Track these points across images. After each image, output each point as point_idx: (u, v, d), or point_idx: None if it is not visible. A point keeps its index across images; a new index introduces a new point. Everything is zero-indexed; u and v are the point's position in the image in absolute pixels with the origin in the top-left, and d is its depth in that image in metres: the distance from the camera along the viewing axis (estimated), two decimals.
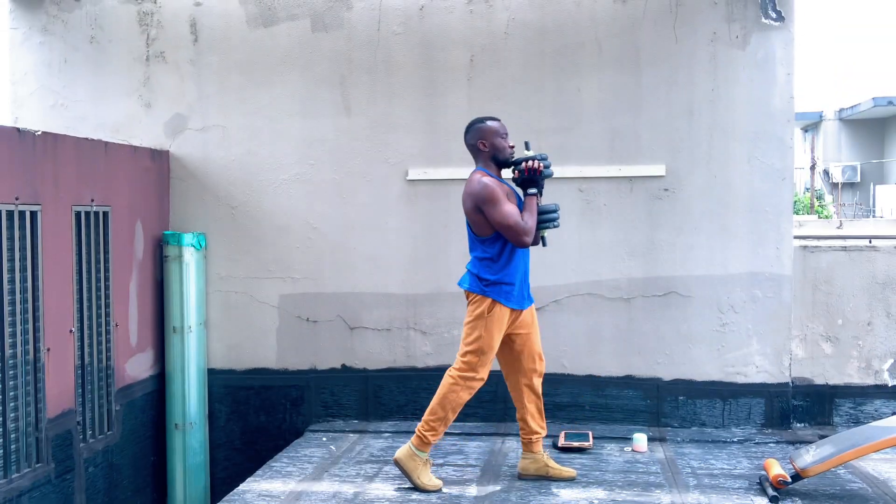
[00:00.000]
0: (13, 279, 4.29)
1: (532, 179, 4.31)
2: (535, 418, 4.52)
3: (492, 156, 4.38)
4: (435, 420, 4.36)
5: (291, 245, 5.80)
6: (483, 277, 4.32)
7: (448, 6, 5.65)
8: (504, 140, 4.38)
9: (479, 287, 4.33)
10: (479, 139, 4.38)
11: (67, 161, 4.78)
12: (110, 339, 5.14)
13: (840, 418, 5.60)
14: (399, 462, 4.42)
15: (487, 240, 4.31)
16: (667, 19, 5.49)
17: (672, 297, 5.53)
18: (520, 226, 4.20)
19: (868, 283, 5.57)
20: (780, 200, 5.46)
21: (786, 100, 5.44)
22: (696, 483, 4.51)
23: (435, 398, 4.40)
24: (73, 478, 4.75)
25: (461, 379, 4.35)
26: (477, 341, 4.32)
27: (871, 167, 24.94)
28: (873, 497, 4.30)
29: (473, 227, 4.35)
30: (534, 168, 4.28)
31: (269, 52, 5.78)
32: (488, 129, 4.38)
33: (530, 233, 4.24)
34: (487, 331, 4.30)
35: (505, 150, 4.38)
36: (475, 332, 4.33)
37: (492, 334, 4.30)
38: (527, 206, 4.29)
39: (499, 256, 4.31)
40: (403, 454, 4.42)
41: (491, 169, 4.38)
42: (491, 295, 4.30)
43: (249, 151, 5.81)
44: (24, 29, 5.93)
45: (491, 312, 4.29)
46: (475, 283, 4.36)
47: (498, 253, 4.31)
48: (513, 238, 4.23)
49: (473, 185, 4.27)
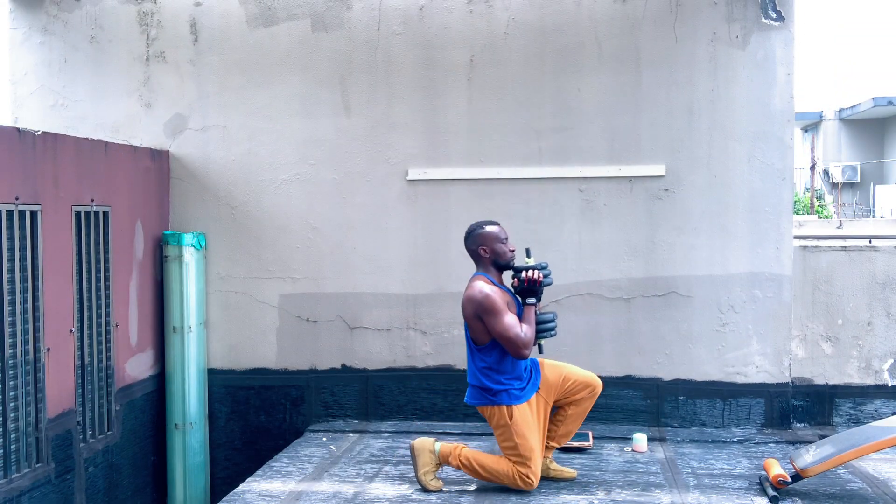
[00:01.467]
0: (13, 279, 4.29)
1: (532, 290, 4.33)
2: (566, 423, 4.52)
3: (493, 261, 4.40)
4: (471, 469, 4.36)
5: (291, 245, 5.81)
6: (487, 387, 4.31)
7: (448, 6, 5.65)
8: (505, 245, 4.40)
9: (487, 399, 4.32)
10: (480, 245, 4.40)
11: (67, 161, 4.78)
12: (110, 339, 5.14)
13: (840, 418, 5.60)
14: (415, 451, 4.42)
15: (485, 348, 4.31)
16: (667, 19, 5.50)
17: (672, 297, 5.53)
18: (520, 339, 4.19)
19: (868, 283, 5.57)
20: (780, 200, 5.46)
21: (786, 100, 5.44)
22: (696, 483, 4.51)
23: (492, 461, 4.35)
24: (73, 478, 4.75)
25: (519, 478, 4.30)
26: (516, 450, 4.29)
27: (871, 167, 24.94)
28: (873, 497, 4.30)
29: (471, 333, 4.34)
30: (534, 279, 4.30)
31: (269, 52, 5.78)
32: (489, 235, 4.39)
33: (530, 345, 4.24)
34: (521, 436, 4.27)
35: (506, 254, 4.39)
36: (509, 441, 4.30)
37: (525, 436, 4.27)
38: (525, 317, 4.30)
39: (499, 364, 4.30)
40: (422, 447, 4.41)
41: (491, 273, 4.40)
42: (503, 402, 4.28)
43: (249, 151, 5.81)
44: (24, 29, 5.93)
45: (513, 419, 4.27)
46: (482, 396, 4.34)
47: (497, 361, 4.30)
48: (512, 350, 4.22)
49: (475, 294, 4.25)
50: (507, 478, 4.31)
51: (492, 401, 4.30)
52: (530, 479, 4.28)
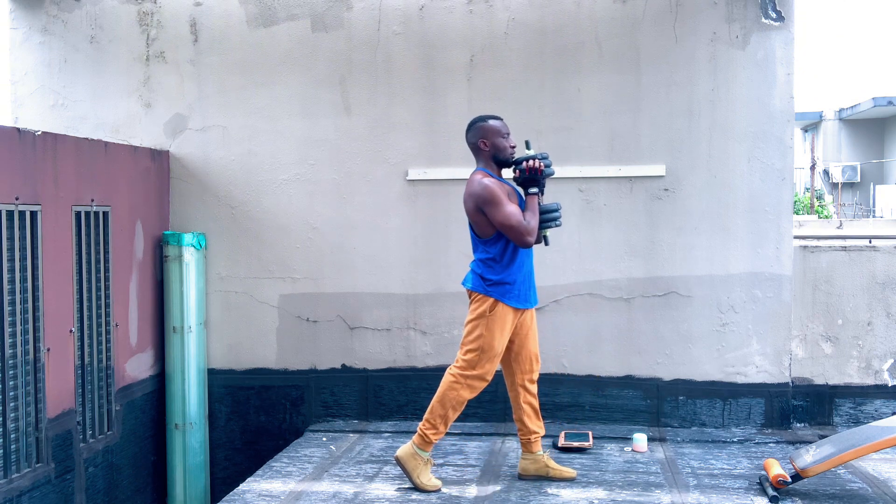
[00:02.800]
0: (13, 279, 4.29)
1: (533, 179, 4.29)
2: (531, 418, 4.51)
3: (493, 155, 4.37)
4: (435, 417, 4.36)
5: (291, 245, 5.81)
6: (486, 277, 4.31)
7: (448, 6, 5.65)
8: (506, 140, 4.37)
9: (482, 286, 4.33)
10: (481, 138, 4.37)
11: (67, 161, 4.78)
12: (110, 339, 5.14)
13: (840, 418, 5.60)
14: (400, 460, 4.42)
15: (489, 240, 4.30)
16: (667, 19, 5.50)
17: (672, 297, 5.53)
18: (522, 226, 4.19)
19: (868, 283, 5.57)
20: (780, 200, 5.46)
21: (786, 100, 5.44)
22: (696, 483, 4.51)
23: (435, 396, 4.39)
24: (73, 478, 4.75)
25: (461, 377, 4.34)
26: (477, 340, 4.31)
27: (871, 167, 24.94)
28: (873, 497, 4.30)
29: (475, 228, 4.34)
30: (534, 167, 4.26)
31: (269, 52, 5.78)
32: (490, 128, 4.36)
33: (533, 232, 4.22)
34: (489, 330, 4.29)
35: (506, 149, 4.36)
36: (476, 330, 4.32)
37: (493, 333, 4.29)
38: (528, 206, 4.28)
39: (501, 256, 4.30)
40: (405, 453, 4.42)
41: (492, 168, 4.37)
42: (493, 294, 4.29)
43: (249, 151, 5.81)
44: (24, 29, 5.93)
45: (493, 312, 4.28)
46: (478, 282, 4.35)
47: (500, 253, 4.30)
48: (515, 238, 4.21)
49: (474, 186, 4.26)
50: (456, 388, 4.32)
51: (486, 290, 4.30)
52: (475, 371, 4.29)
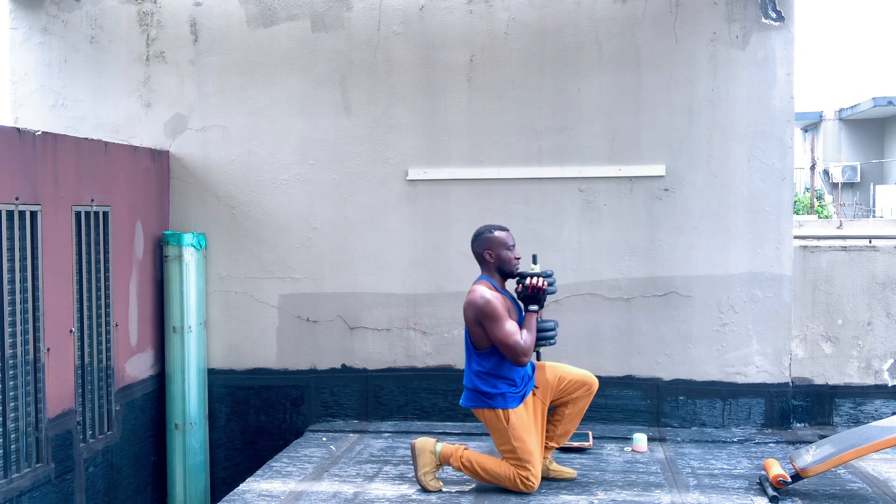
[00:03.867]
0: (13, 279, 4.29)
1: (535, 297, 4.30)
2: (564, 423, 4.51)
3: (497, 267, 4.37)
4: (472, 471, 4.35)
5: (291, 245, 5.81)
6: (483, 391, 4.29)
7: (448, 6, 5.65)
8: (511, 252, 4.37)
9: (483, 402, 4.31)
10: (486, 249, 4.37)
11: (67, 161, 4.78)
12: (110, 339, 5.14)
13: (840, 418, 5.60)
14: (415, 450, 4.41)
15: (484, 353, 4.29)
16: (667, 19, 5.50)
17: (672, 297, 5.53)
18: (519, 346, 4.17)
19: (868, 283, 5.57)
20: (780, 200, 5.46)
21: (786, 100, 5.44)
22: (696, 483, 4.51)
23: (494, 463, 4.33)
24: (73, 478, 4.75)
25: (520, 481, 4.28)
26: (514, 453, 4.28)
27: (871, 167, 24.94)
28: (873, 497, 4.30)
29: (471, 337, 4.32)
30: (538, 286, 4.27)
31: (269, 52, 5.78)
32: (496, 239, 4.36)
33: (529, 352, 4.21)
34: (518, 439, 4.26)
35: (511, 262, 4.36)
36: (506, 444, 4.29)
37: (523, 438, 4.26)
38: (526, 324, 4.26)
39: (497, 368, 4.29)
40: (424, 447, 4.40)
41: (495, 279, 4.38)
42: (498, 406, 4.27)
43: (249, 151, 5.81)
44: (24, 29, 5.93)
45: (510, 423, 4.26)
46: (479, 399, 4.33)
47: (495, 366, 4.29)
48: (511, 357, 4.20)
49: (476, 299, 4.23)
50: (509, 481, 4.30)
51: (488, 404, 4.29)
52: (531, 481, 4.27)
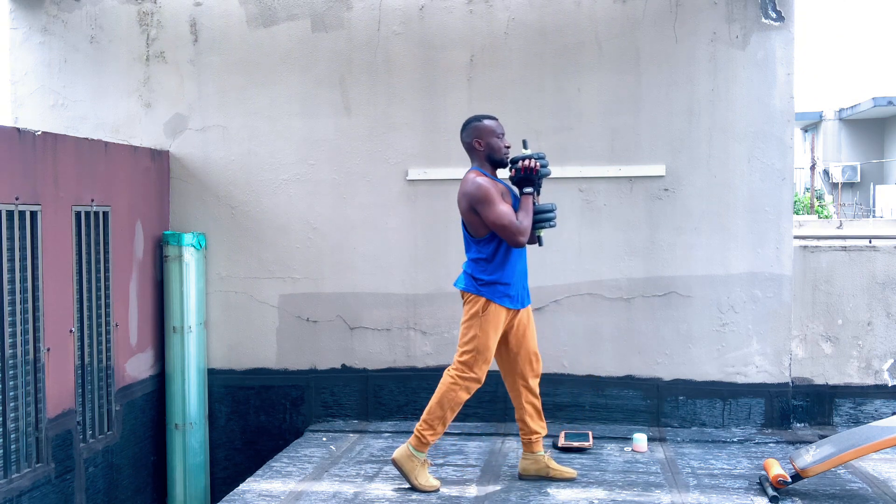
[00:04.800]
0: (13, 279, 4.29)
1: (528, 178, 4.27)
2: (533, 418, 4.51)
3: (487, 155, 4.35)
4: (433, 419, 4.35)
5: (291, 245, 5.81)
6: (478, 277, 4.31)
7: (448, 6, 5.65)
8: (500, 140, 4.35)
9: (474, 287, 4.32)
10: (475, 138, 4.36)
11: (67, 161, 4.78)
12: (110, 339, 5.14)
13: (840, 418, 5.60)
14: (397, 462, 4.42)
15: (482, 240, 4.30)
16: (667, 19, 5.50)
17: (672, 297, 5.53)
18: (514, 225, 4.17)
19: (868, 283, 5.57)
20: (780, 200, 5.46)
21: (786, 100, 5.44)
22: (696, 483, 4.51)
23: (433, 398, 4.38)
24: (73, 478, 4.75)
25: (460, 378, 4.33)
26: (473, 341, 4.30)
27: (871, 167, 24.94)
28: (873, 497, 4.30)
29: (468, 228, 4.33)
30: (530, 167, 4.25)
31: (269, 52, 5.78)
32: (484, 127, 4.35)
33: (525, 232, 4.21)
34: (483, 330, 4.28)
35: (500, 149, 4.35)
36: (471, 331, 4.31)
37: (487, 334, 4.29)
38: (522, 206, 4.25)
39: (493, 256, 4.29)
40: (401, 455, 4.41)
41: (486, 168, 4.36)
42: (486, 294, 4.28)
43: (249, 151, 5.81)
44: (24, 29, 5.93)
45: (486, 312, 4.28)
46: (470, 283, 4.34)
47: (493, 253, 4.29)
48: (508, 238, 4.20)
49: (468, 186, 4.25)
50: (454, 389, 4.30)
51: (478, 290, 4.29)
52: (473, 372, 4.28)
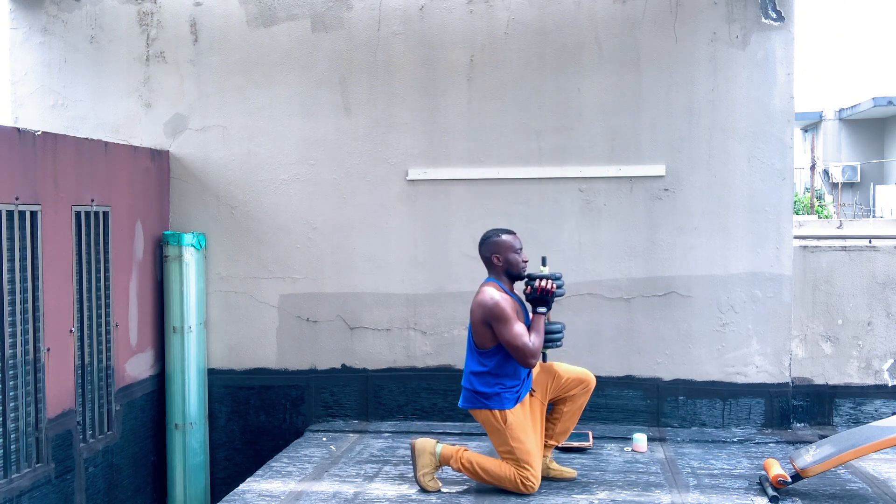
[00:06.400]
0: (13, 279, 4.29)
1: (543, 299, 4.31)
2: (563, 421, 4.51)
3: (505, 270, 4.38)
4: (473, 472, 4.34)
5: (291, 245, 5.81)
6: (480, 391, 4.30)
7: (448, 6, 5.65)
8: (518, 255, 4.38)
9: (479, 403, 4.31)
10: (494, 253, 4.38)
11: (67, 161, 4.78)
12: (110, 339, 5.14)
13: (840, 418, 5.60)
14: (415, 451, 4.41)
15: (487, 352, 4.30)
16: (667, 19, 5.50)
17: (672, 297, 5.53)
18: (528, 348, 4.17)
19: (868, 283, 5.57)
20: (780, 200, 5.46)
21: (786, 100, 5.44)
22: (696, 483, 4.51)
23: (494, 465, 4.32)
24: (73, 478, 4.75)
25: (520, 482, 4.27)
26: (513, 454, 4.28)
27: (871, 167, 24.94)
28: (873, 497, 4.30)
29: (475, 337, 4.32)
30: (547, 289, 4.28)
31: (269, 52, 5.78)
32: (503, 243, 4.37)
33: (537, 354, 4.22)
34: (517, 439, 4.26)
35: (518, 264, 4.37)
36: (505, 445, 4.29)
37: (521, 439, 4.27)
38: (534, 326, 4.26)
39: (497, 369, 4.29)
40: (424, 448, 4.40)
41: (503, 281, 4.38)
42: (495, 406, 4.27)
43: (249, 151, 5.81)
44: (24, 29, 5.93)
45: (507, 423, 4.26)
46: (475, 399, 4.33)
47: (497, 365, 4.29)
48: (519, 359, 4.20)
49: (486, 300, 4.24)
50: (509, 482, 4.29)
51: (485, 405, 4.29)
52: (531, 482, 4.27)
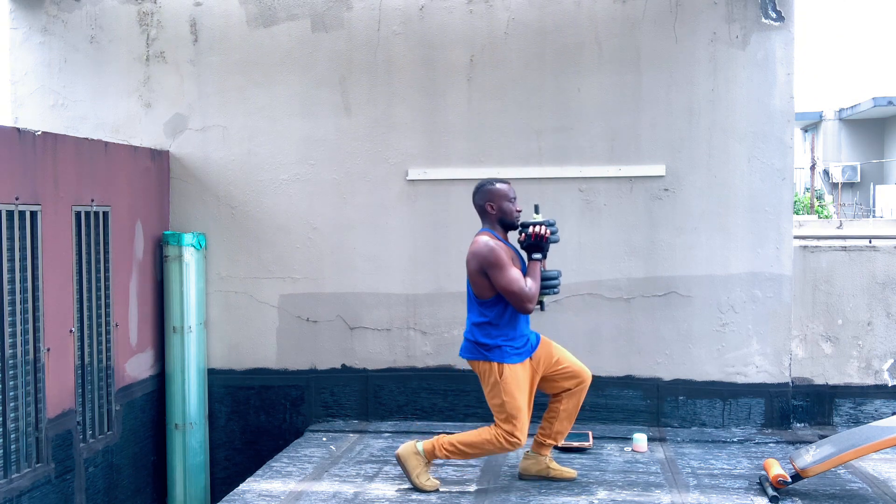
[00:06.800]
0: (13, 279, 4.29)
1: (538, 245, 4.30)
2: (560, 421, 4.50)
3: (499, 219, 4.38)
4: (459, 450, 4.34)
5: (291, 245, 5.81)
6: (482, 342, 4.30)
7: (448, 6, 5.65)
8: (512, 204, 4.37)
9: (480, 354, 4.31)
10: (488, 201, 4.37)
11: (67, 161, 4.78)
12: (110, 339, 5.14)
13: (840, 418, 5.60)
14: (401, 458, 4.42)
15: (487, 302, 4.29)
16: (667, 19, 5.50)
17: (672, 297, 5.53)
18: (524, 292, 4.17)
19: (868, 283, 5.57)
20: (780, 200, 5.46)
21: (786, 100, 5.44)
22: (696, 483, 4.52)
23: (473, 435, 4.34)
24: (73, 478, 4.75)
25: (505, 440, 4.28)
26: (503, 408, 4.27)
27: (871, 167, 24.94)
28: (873, 497, 4.30)
29: (474, 288, 4.32)
30: (541, 234, 4.28)
31: (269, 52, 5.78)
32: (497, 192, 4.37)
33: (534, 299, 4.22)
34: (509, 394, 4.26)
35: (512, 213, 4.37)
36: (496, 399, 4.29)
37: (514, 396, 4.26)
38: (530, 272, 4.27)
39: (498, 319, 4.29)
40: (407, 452, 4.41)
41: (497, 231, 4.38)
42: (495, 359, 4.27)
43: (249, 151, 5.81)
44: (24, 29, 5.93)
45: (503, 377, 4.26)
46: (476, 350, 4.33)
47: (497, 315, 4.29)
48: (516, 304, 4.21)
49: (480, 248, 4.24)
50: (492, 444, 4.29)
51: (485, 356, 4.29)
52: (515, 436, 4.26)
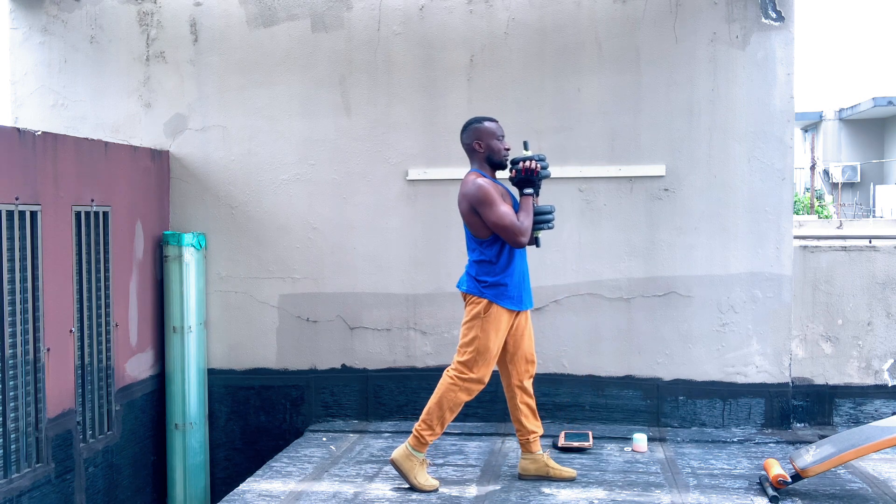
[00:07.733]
0: (13, 279, 4.29)
1: (529, 180, 4.29)
2: (528, 419, 4.51)
3: (487, 157, 4.36)
4: (432, 419, 4.35)
5: (291, 245, 5.81)
6: (481, 279, 4.31)
7: (448, 6, 5.65)
8: (500, 142, 4.36)
9: (477, 289, 4.32)
10: (475, 139, 4.36)
11: (67, 161, 4.78)
12: (110, 339, 5.14)
13: (840, 418, 5.60)
14: (395, 462, 4.42)
15: (485, 242, 4.30)
16: (667, 19, 5.50)
17: (672, 297, 5.53)
18: (515, 226, 4.18)
19: (868, 283, 5.57)
20: (780, 200, 5.46)
21: (786, 100, 5.44)
22: (696, 483, 4.52)
23: (432, 398, 4.38)
24: (73, 478, 4.75)
25: (459, 380, 4.33)
26: (473, 342, 4.30)
27: (871, 167, 24.95)
28: (873, 497, 4.30)
29: (470, 229, 4.33)
30: (531, 168, 4.26)
31: (269, 52, 5.78)
32: (485, 129, 4.36)
33: (526, 233, 4.22)
34: (484, 331, 4.28)
35: (500, 151, 4.35)
36: (471, 332, 4.32)
37: (489, 335, 4.29)
38: (522, 207, 4.26)
39: (497, 258, 4.29)
40: (400, 455, 4.42)
41: (485, 170, 4.37)
42: (488, 296, 4.29)
43: (249, 151, 5.81)
44: (24, 29, 5.93)
45: (488, 313, 4.28)
46: (473, 284, 4.35)
47: (496, 255, 4.29)
48: (508, 239, 4.21)
49: (468, 187, 4.25)
50: (452, 391, 4.31)
51: (481, 292, 4.30)
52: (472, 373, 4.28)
